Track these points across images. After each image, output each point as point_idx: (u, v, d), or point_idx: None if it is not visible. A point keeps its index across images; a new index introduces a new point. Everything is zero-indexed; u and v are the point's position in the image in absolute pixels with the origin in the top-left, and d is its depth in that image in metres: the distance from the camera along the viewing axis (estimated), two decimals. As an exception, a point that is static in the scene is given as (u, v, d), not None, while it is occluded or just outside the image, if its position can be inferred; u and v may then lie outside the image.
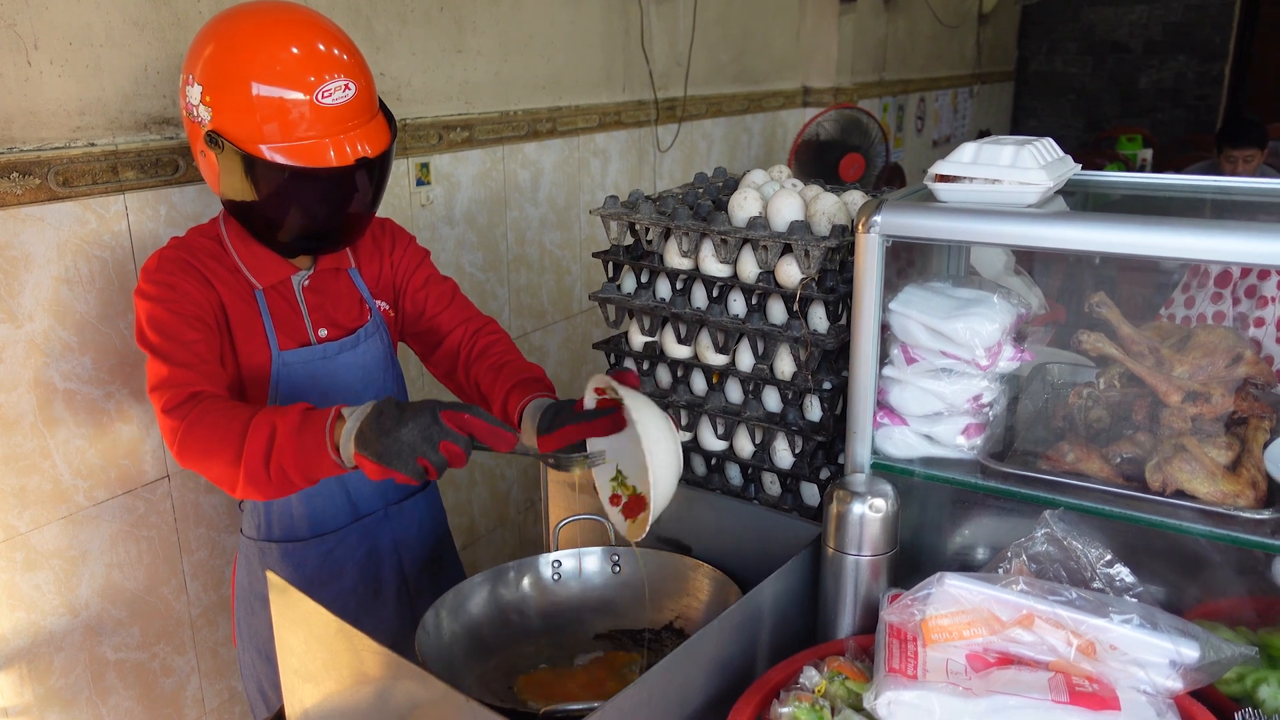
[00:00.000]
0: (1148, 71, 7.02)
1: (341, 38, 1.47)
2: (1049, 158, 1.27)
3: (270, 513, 1.62)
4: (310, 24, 1.43)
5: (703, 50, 3.63)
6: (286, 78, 1.36)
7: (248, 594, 1.70)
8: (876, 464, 1.37)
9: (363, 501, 1.67)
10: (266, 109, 1.36)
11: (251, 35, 1.39)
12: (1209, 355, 1.29)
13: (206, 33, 1.43)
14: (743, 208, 1.49)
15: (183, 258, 1.47)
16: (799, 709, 1.07)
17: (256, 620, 1.69)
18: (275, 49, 1.37)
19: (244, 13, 1.43)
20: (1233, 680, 1.15)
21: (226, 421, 1.29)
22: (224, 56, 1.38)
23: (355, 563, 1.69)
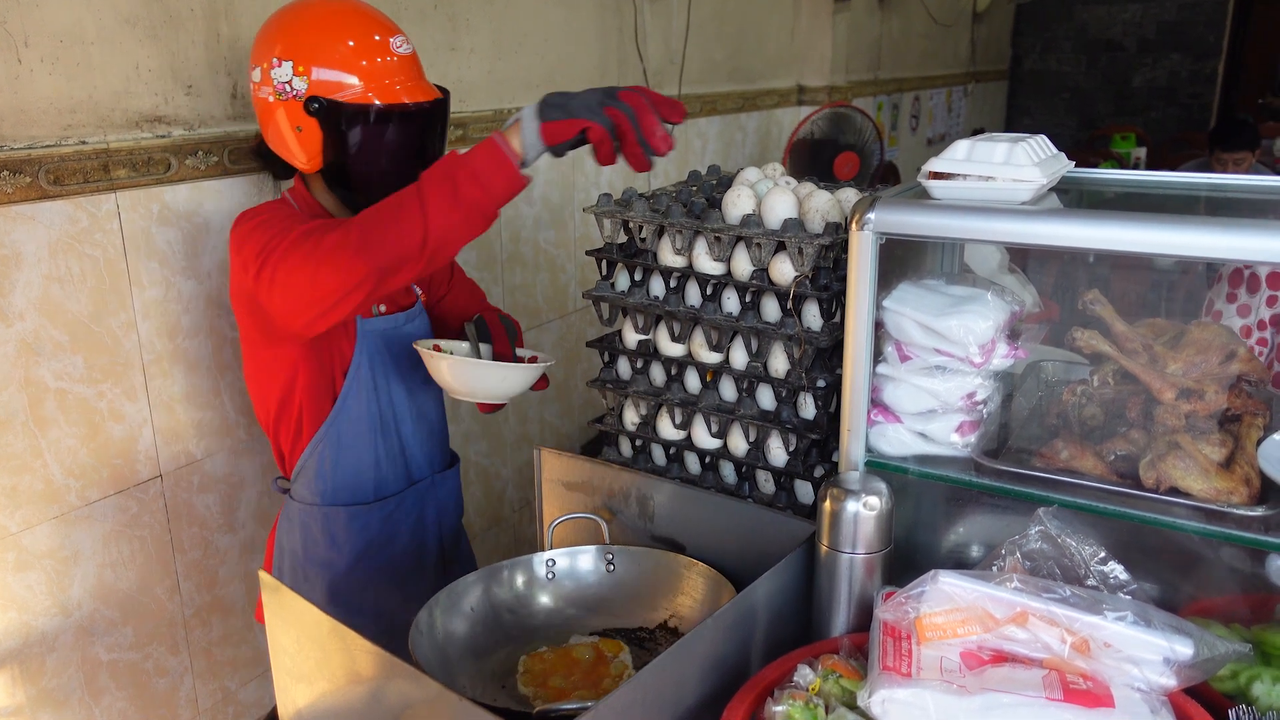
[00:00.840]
0: (1141, 70, 7.03)
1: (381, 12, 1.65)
2: (1043, 155, 1.27)
3: (338, 478, 1.71)
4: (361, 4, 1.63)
5: (697, 48, 3.63)
6: (366, 37, 1.57)
7: (301, 561, 1.76)
8: (870, 462, 1.36)
9: (415, 468, 1.80)
10: (358, 64, 1.55)
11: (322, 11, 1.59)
12: (1203, 352, 1.29)
13: (283, 20, 1.60)
14: (736, 205, 1.49)
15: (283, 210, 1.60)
16: (793, 707, 1.07)
17: (311, 587, 1.76)
18: (348, 16, 1.58)
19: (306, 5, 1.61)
20: (1227, 677, 1.15)
21: (392, 198, 1.39)
22: (309, 29, 1.57)
23: (408, 528, 1.80)
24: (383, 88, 1.56)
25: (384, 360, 1.69)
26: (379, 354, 1.69)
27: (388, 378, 1.71)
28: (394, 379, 1.72)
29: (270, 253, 1.46)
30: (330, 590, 1.75)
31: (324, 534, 1.73)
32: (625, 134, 1.34)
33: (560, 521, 1.55)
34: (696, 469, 1.65)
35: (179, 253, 1.96)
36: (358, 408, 1.68)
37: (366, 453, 1.71)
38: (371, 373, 1.68)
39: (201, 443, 2.08)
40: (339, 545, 1.73)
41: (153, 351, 1.95)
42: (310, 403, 1.66)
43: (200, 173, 1.98)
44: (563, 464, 1.61)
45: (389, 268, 1.38)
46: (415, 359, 1.73)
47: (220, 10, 1.97)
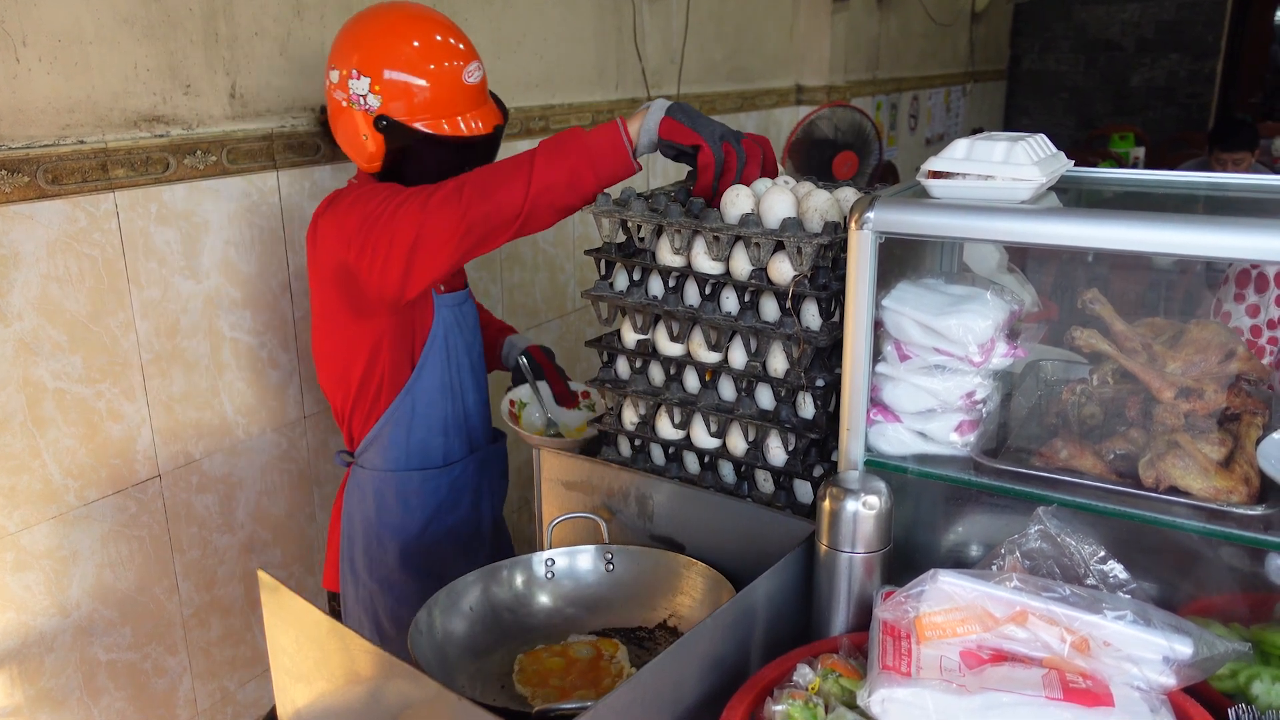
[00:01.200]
0: (1140, 70, 7.04)
1: (462, 33, 1.76)
2: (1042, 154, 1.27)
3: (412, 443, 1.84)
4: (443, 20, 1.75)
5: (696, 48, 3.63)
6: (442, 68, 1.68)
7: (375, 527, 1.88)
8: (870, 461, 1.36)
9: (475, 436, 1.93)
10: (429, 95, 1.67)
11: (407, 34, 1.69)
12: (1202, 351, 1.29)
13: (366, 32, 1.70)
14: (735, 205, 1.49)
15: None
16: (793, 707, 1.07)
17: (381, 551, 1.88)
18: (430, 44, 1.68)
19: (390, 16, 1.72)
20: (1226, 676, 1.15)
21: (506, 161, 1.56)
22: (390, 51, 1.67)
23: (469, 495, 1.94)
24: (449, 118, 1.69)
25: (455, 333, 1.84)
26: (452, 327, 1.83)
27: (457, 349, 1.85)
28: (461, 350, 1.87)
29: (378, 218, 1.59)
30: (402, 553, 1.88)
31: (398, 499, 1.85)
32: (728, 172, 1.47)
33: (559, 521, 1.54)
34: (695, 468, 1.65)
35: (177, 252, 1.96)
36: (433, 376, 1.82)
37: (437, 419, 1.85)
38: (446, 343, 1.82)
39: (200, 443, 2.08)
40: (411, 509, 1.87)
41: (151, 351, 1.95)
42: (391, 373, 1.80)
43: (199, 172, 1.98)
44: (562, 463, 1.61)
45: (489, 223, 1.54)
46: (473, 334, 1.91)
47: (218, 9, 1.97)
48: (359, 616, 1.93)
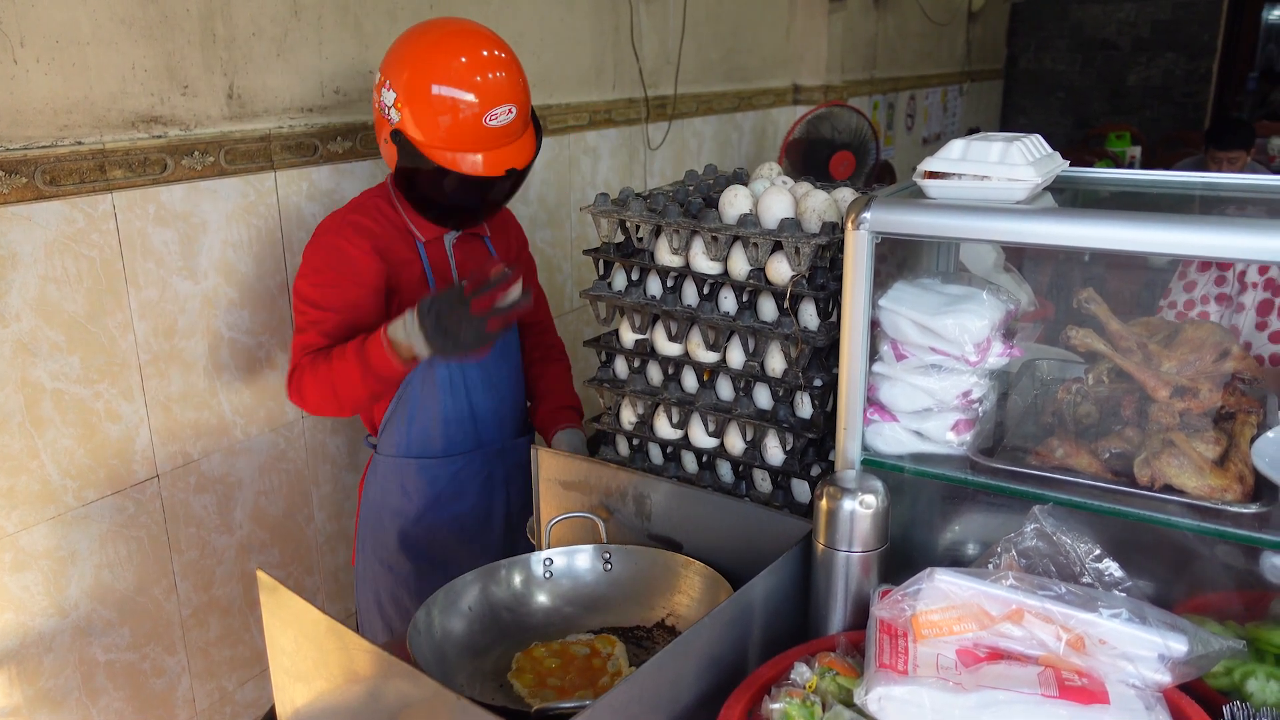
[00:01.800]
0: (1136, 69, 7.05)
1: (510, 60, 1.77)
2: (1037, 154, 1.27)
3: (412, 433, 1.90)
4: (491, 53, 1.75)
5: (693, 48, 3.63)
6: (467, 105, 1.70)
7: (378, 508, 1.97)
8: (867, 460, 1.37)
9: (485, 431, 1.96)
10: (444, 128, 1.70)
11: (443, 63, 1.71)
12: (1196, 350, 1.29)
13: (409, 50, 1.74)
14: (733, 205, 1.49)
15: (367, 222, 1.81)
16: (790, 705, 1.07)
17: (385, 532, 1.96)
18: (461, 77, 1.70)
19: (438, 37, 1.75)
20: (1221, 674, 1.15)
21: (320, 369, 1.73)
22: (420, 74, 1.70)
23: (476, 487, 1.97)
24: (456, 155, 1.71)
25: None
26: None
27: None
28: None
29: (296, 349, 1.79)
30: (401, 537, 1.95)
31: (397, 484, 1.93)
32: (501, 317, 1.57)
33: (558, 521, 1.55)
34: (694, 468, 1.66)
35: (175, 253, 1.96)
36: (429, 370, 1.85)
37: (437, 411, 1.89)
38: None
39: (198, 443, 2.08)
40: (410, 494, 1.93)
41: (149, 352, 1.95)
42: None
43: (196, 173, 1.98)
44: (560, 463, 1.61)
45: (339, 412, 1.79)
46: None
47: (216, 10, 1.97)
48: (365, 593, 2.02)
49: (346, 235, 1.79)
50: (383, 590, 2.00)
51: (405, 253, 1.85)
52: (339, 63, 2.25)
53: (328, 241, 1.79)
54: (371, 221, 1.82)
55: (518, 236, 2.11)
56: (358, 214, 1.83)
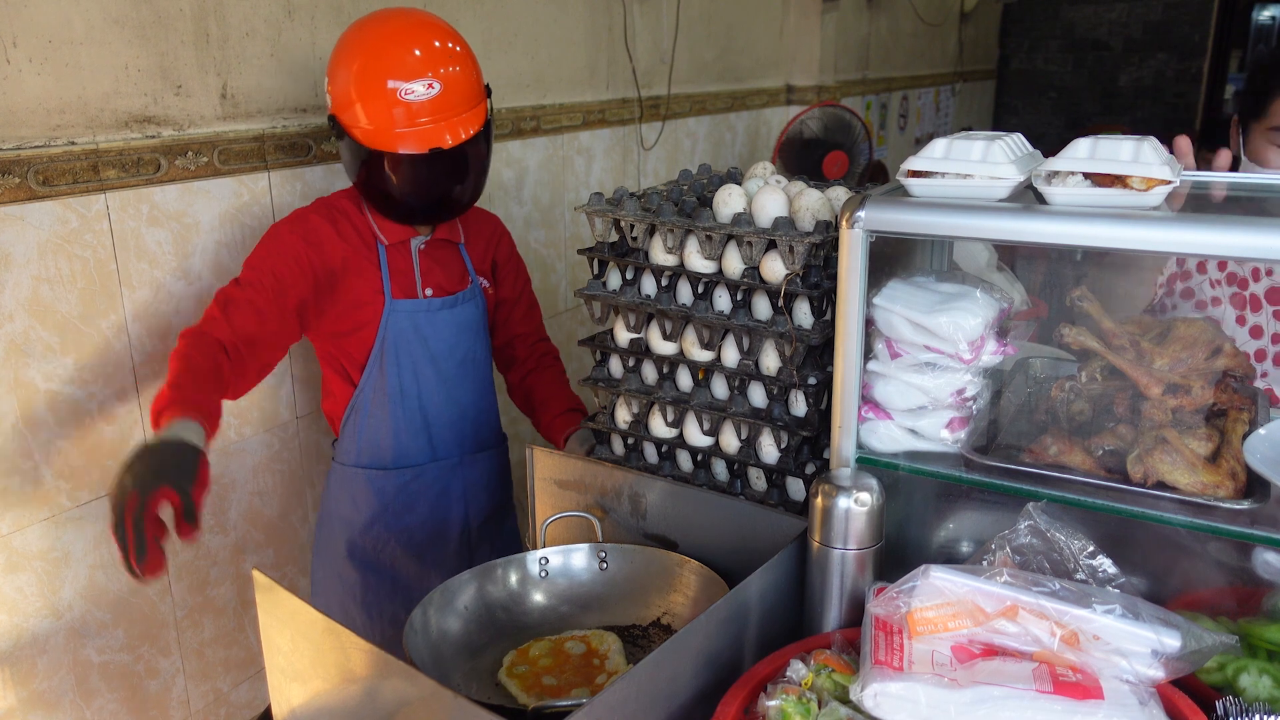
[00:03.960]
0: (1127, 69, 7.07)
1: (430, 38, 1.73)
2: (1019, 153, 1.28)
3: (362, 442, 1.88)
4: (408, 28, 1.72)
5: (686, 48, 3.63)
6: (380, 76, 1.67)
7: (331, 515, 1.95)
8: (861, 458, 1.37)
9: (441, 446, 1.92)
10: (367, 107, 1.68)
11: (358, 44, 1.71)
12: (1189, 348, 1.30)
13: (345, 37, 1.74)
14: (727, 204, 1.49)
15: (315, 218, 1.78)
16: (786, 702, 1.07)
17: (334, 540, 1.94)
18: (376, 54, 1.68)
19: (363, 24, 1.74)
20: (1214, 669, 1.16)
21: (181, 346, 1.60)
22: (339, 59, 1.72)
23: (428, 500, 1.92)
24: (387, 135, 1.69)
25: (410, 339, 1.84)
26: (405, 333, 1.83)
27: (413, 356, 1.85)
28: (421, 358, 1.86)
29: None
30: (349, 546, 1.93)
31: (347, 493, 1.91)
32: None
33: (553, 520, 1.55)
34: (688, 467, 1.66)
35: (169, 254, 1.96)
36: (380, 379, 1.84)
37: (387, 422, 1.86)
38: (396, 349, 1.83)
39: (192, 443, 2.07)
40: (358, 505, 1.91)
41: (143, 352, 1.94)
42: (349, 372, 1.86)
43: (190, 173, 1.98)
44: (555, 462, 1.62)
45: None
46: (451, 343, 1.89)
47: (209, 10, 1.97)
48: (317, 601, 2.00)
49: (288, 222, 1.79)
50: (332, 599, 1.97)
51: (360, 254, 1.81)
52: (333, 63, 2.25)
53: (273, 228, 1.79)
54: (322, 219, 1.80)
55: (504, 244, 2.05)
56: (312, 210, 1.82)
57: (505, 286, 2.05)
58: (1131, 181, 1.15)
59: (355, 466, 1.89)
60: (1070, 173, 1.19)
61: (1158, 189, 1.14)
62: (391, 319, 1.82)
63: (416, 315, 1.84)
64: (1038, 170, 1.22)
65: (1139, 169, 1.16)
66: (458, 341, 1.90)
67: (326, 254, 1.78)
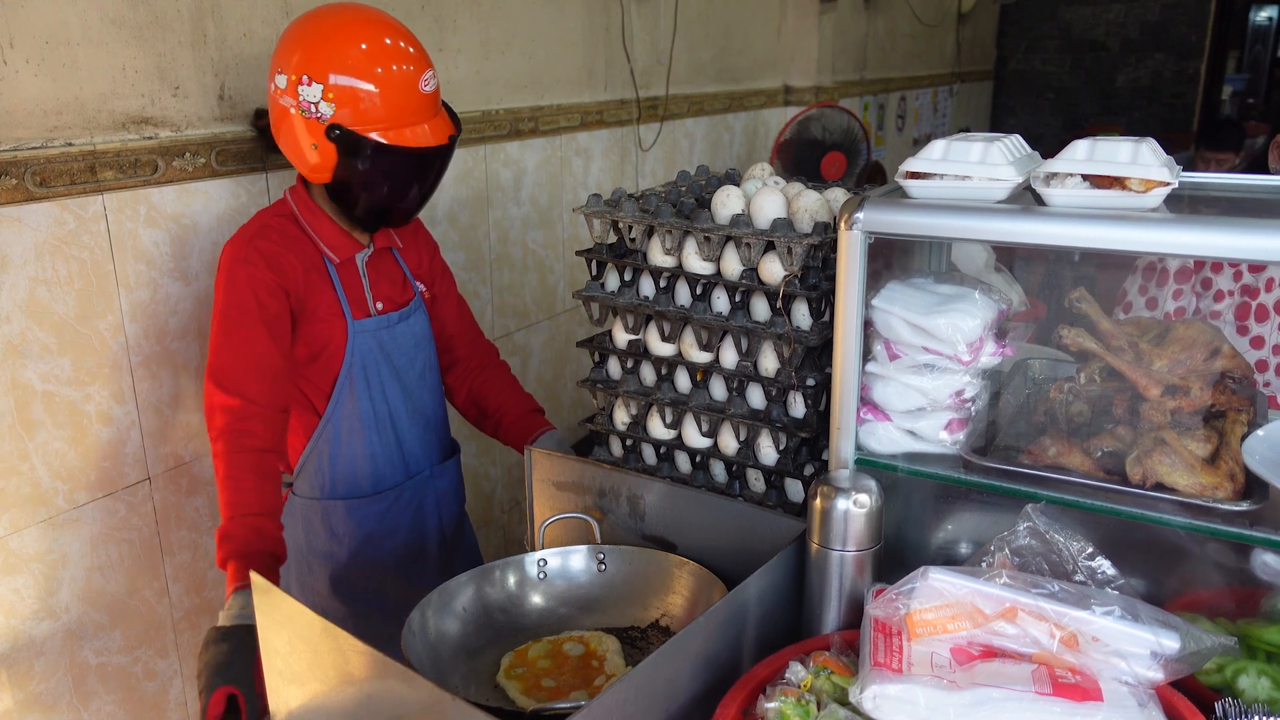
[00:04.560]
0: (1125, 70, 7.08)
1: (416, 39, 1.67)
2: (1017, 154, 1.28)
3: (335, 472, 1.78)
4: (394, 22, 1.66)
5: (684, 49, 3.63)
6: (397, 77, 1.60)
7: (305, 553, 1.82)
8: (860, 460, 1.37)
9: (413, 462, 1.85)
10: (384, 106, 1.59)
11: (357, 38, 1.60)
12: (1187, 349, 1.30)
13: (317, 37, 1.60)
14: (725, 205, 1.49)
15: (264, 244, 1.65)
16: (785, 704, 1.07)
17: (314, 577, 1.83)
18: (383, 50, 1.60)
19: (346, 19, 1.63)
20: (1213, 671, 1.16)
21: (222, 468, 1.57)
22: (343, 58, 1.58)
23: (407, 521, 1.86)
24: (400, 130, 1.61)
25: (377, 358, 1.75)
26: (372, 352, 1.75)
27: (380, 375, 1.77)
28: (388, 376, 1.78)
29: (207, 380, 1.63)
30: (334, 579, 1.82)
31: (324, 526, 1.79)
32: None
33: (551, 521, 1.55)
34: (687, 468, 1.66)
35: (166, 254, 1.96)
36: (351, 404, 1.74)
37: (362, 447, 1.77)
38: (364, 370, 1.74)
39: (190, 445, 2.07)
40: (339, 537, 1.80)
41: (140, 353, 1.94)
42: (307, 402, 1.75)
43: (188, 174, 1.97)
44: (553, 464, 1.61)
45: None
46: (411, 355, 1.80)
47: (207, 10, 1.97)
48: None
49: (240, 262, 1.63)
50: None
51: (311, 275, 1.69)
52: (330, 64, 2.24)
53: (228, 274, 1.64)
54: (271, 243, 1.66)
55: (428, 244, 1.95)
56: (254, 235, 1.66)
57: (438, 286, 1.96)
58: (1130, 183, 1.15)
59: (331, 499, 1.78)
60: (1069, 174, 1.19)
61: (1156, 190, 1.14)
62: (357, 340, 1.72)
63: (379, 333, 1.75)
64: (1036, 172, 1.22)
65: (1138, 170, 1.16)
66: (416, 353, 1.83)
67: (288, 277, 1.66)
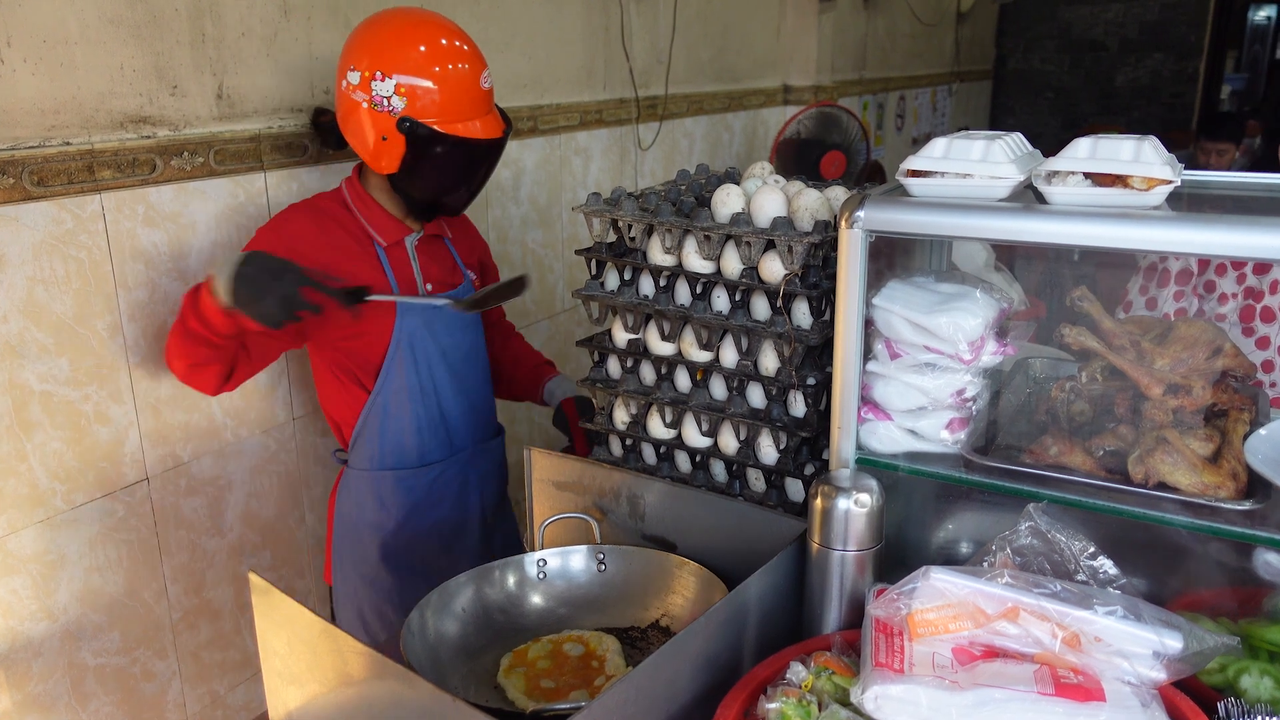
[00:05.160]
0: (1124, 69, 7.08)
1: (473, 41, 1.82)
2: (1019, 152, 1.27)
3: (384, 444, 1.88)
4: (454, 26, 1.82)
5: (683, 48, 3.63)
6: (462, 76, 1.75)
7: (354, 524, 1.93)
8: (861, 459, 1.37)
9: (457, 438, 1.96)
10: (450, 100, 1.73)
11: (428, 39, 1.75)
12: (1189, 348, 1.29)
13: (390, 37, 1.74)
14: (726, 204, 1.49)
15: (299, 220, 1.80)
16: (786, 704, 1.07)
17: (363, 547, 1.94)
18: (451, 51, 1.75)
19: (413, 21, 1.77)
20: (1215, 670, 1.16)
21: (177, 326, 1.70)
22: (414, 58, 1.72)
23: (452, 493, 1.96)
24: (460, 124, 1.74)
25: (424, 336, 1.85)
26: (419, 331, 1.84)
27: (428, 353, 1.86)
28: (434, 354, 1.88)
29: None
30: (382, 550, 1.93)
31: (373, 497, 1.90)
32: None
33: (551, 521, 1.54)
34: (687, 468, 1.65)
35: (165, 254, 1.95)
36: (399, 379, 1.85)
37: (409, 421, 1.88)
38: (412, 348, 1.84)
39: (188, 445, 2.06)
40: (387, 507, 1.91)
41: (139, 354, 1.93)
42: (359, 378, 1.86)
43: (186, 174, 1.97)
44: (553, 464, 1.61)
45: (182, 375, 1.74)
46: (458, 337, 1.93)
47: (205, 10, 1.96)
48: (346, 610, 1.98)
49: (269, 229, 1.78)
50: (365, 605, 1.96)
51: (355, 257, 1.80)
52: (329, 62, 2.24)
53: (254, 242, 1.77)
54: (305, 220, 1.80)
55: (479, 243, 2.09)
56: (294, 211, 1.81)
57: (485, 279, 2.10)
58: (1132, 181, 1.15)
59: (381, 470, 1.89)
60: (1070, 172, 1.18)
61: (1159, 189, 1.14)
62: (405, 320, 1.82)
63: (429, 311, 1.85)
64: (1038, 170, 1.22)
65: (1140, 169, 1.15)
66: (463, 335, 1.93)
67: (309, 257, 1.72)
